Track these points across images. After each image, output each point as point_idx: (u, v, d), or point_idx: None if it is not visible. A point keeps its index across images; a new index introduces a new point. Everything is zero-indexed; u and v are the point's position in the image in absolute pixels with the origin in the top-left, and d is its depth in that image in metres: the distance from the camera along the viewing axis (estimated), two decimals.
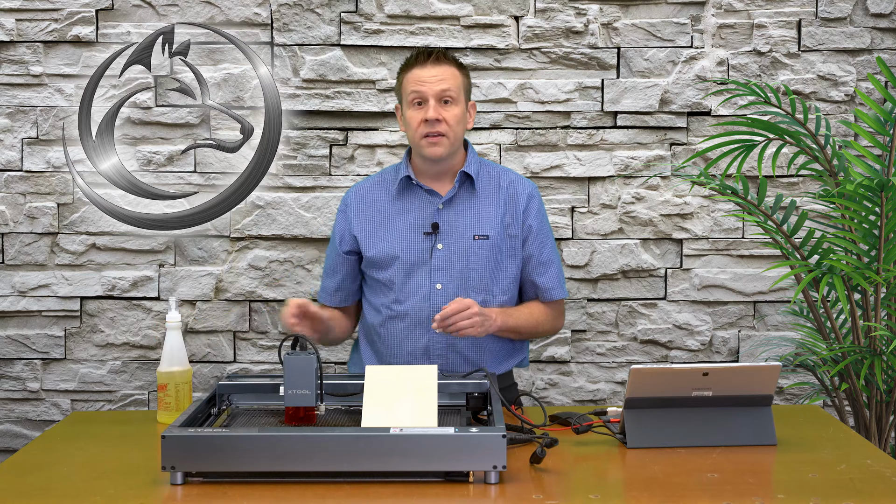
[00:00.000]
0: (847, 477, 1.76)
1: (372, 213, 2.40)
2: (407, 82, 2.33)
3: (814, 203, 2.99)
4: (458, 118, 2.31)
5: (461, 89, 2.33)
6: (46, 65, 3.09)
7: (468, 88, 2.38)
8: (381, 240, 2.37)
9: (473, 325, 2.20)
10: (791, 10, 3.12)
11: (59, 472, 1.82)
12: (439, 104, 2.29)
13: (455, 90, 2.31)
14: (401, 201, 2.39)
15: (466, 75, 2.38)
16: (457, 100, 2.31)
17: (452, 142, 2.31)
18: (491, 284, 2.35)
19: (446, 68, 2.32)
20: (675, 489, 1.69)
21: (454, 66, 2.34)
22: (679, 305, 3.18)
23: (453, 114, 2.30)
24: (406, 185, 2.39)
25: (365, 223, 2.40)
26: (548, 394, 3.19)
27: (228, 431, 1.73)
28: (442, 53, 2.34)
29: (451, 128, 2.30)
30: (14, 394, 3.17)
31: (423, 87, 2.29)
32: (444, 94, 2.29)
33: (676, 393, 1.94)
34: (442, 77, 2.29)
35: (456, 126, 2.31)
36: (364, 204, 2.42)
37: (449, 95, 2.29)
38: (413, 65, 2.33)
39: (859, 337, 2.64)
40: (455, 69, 2.34)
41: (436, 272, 2.34)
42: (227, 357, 3.19)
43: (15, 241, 3.13)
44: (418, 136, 2.31)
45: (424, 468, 1.70)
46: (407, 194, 2.39)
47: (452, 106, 2.30)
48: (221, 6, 3.09)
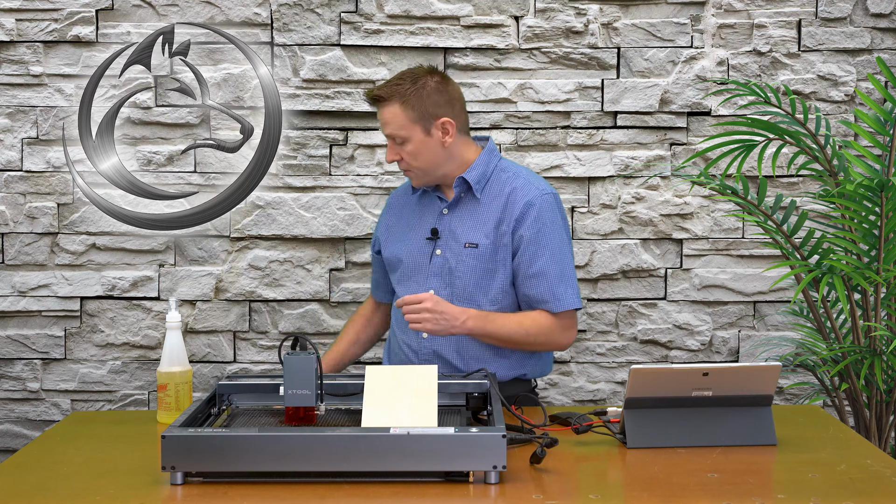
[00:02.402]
0: (847, 477, 1.76)
1: (395, 215, 2.48)
2: None
3: (814, 203, 2.99)
4: (415, 152, 2.31)
5: (408, 123, 2.29)
6: (46, 65, 3.09)
7: (423, 113, 2.29)
8: (393, 242, 2.44)
9: (422, 321, 2.18)
10: (791, 10, 3.12)
11: (59, 472, 1.82)
12: (395, 144, 2.33)
13: (399, 130, 2.30)
14: (419, 206, 2.44)
15: (413, 105, 2.28)
16: (408, 136, 2.30)
17: (425, 168, 2.34)
18: (476, 293, 2.32)
19: (386, 110, 2.30)
20: (675, 489, 1.69)
21: (396, 103, 2.29)
22: (679, 305, 3.18)
23: (406, 151, 2.32)
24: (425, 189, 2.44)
25: (387, 224, 2.49)
26: (548, 394, 3.19)
27: (228, 431, 1.73)
28: (381, 95, 2.30)
29: (410, 163, 2.33)
30: (14, 394, 3.17)
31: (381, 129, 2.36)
32: (394, 136, 2.32)
33: (676, 393, 1.94)
34: (386, 120, 2.31)
35: (414, 160, 2.32)
36: (394, 206, 2.51)
37: (398, 135, 2.31)
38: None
39: (859, 337, 2.64)
40: (396, 106, 2.28)
41: (431, 278, 2.34)
42: (227, 357, 3.19)
43: (15, 241, 3.13)
44: None
45: (424, 468, 1.70)
46: (424, 199, 2.44)
47: (405, 144, 2.31)
48: (221, 6, 3.09)
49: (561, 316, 2.31)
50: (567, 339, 2.34)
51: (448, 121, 2.31)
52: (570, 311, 2.32)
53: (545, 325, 2.30)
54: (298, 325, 3.16)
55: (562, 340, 2.33)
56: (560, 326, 2.31)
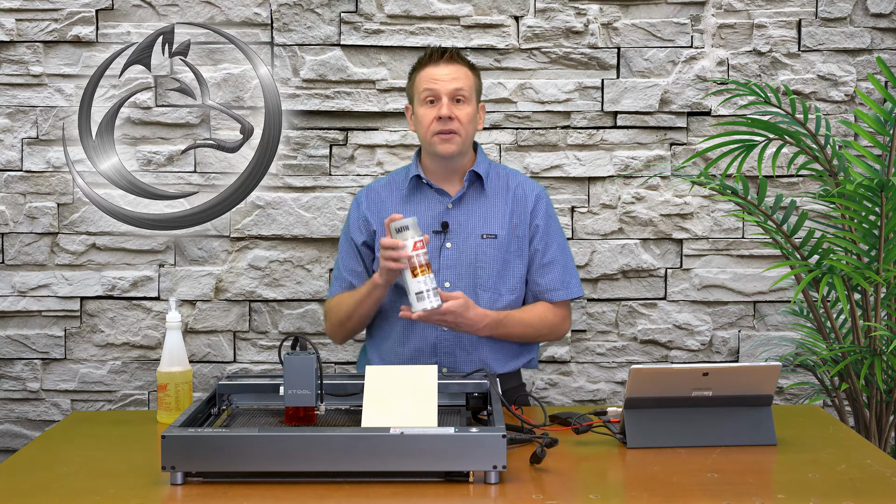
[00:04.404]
0: (847, 477, 1.76)
1: (382, 213, 2.42)
2: (420, 80, 2.35)
3: (814, 203, 2.99)
4: (470, 117, 2.34)
5: (473, 89, 2.36)
6: (46, 65, 3.09)
7: (479, 89, 2.41)
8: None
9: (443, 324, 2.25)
10: (791, 10, 3.12)
11: (59, 472, 1.82)
12: (452, 102, 2.32)
13: (467, 90, 2.33)
14: (411, 202, 2.41)
15: (478, 76, 2.41)
16: (469, 99, 2.34)
17: (464, 140, 2.34)
18: (498, 283, 2.36)
19: (459, 67, 2.34)
20: (675, 489, 1.69)
21: (466, 67, 2.37)
22: (679, 305, 3.18)
23: (465, 112, 2.32)
24: (416, 185, 2.41)
25: (377, 224, 2.42)
26: (548, 394, 3.19)
27: (228, 431, 1.73)
28: (456, 52, 2.37)
29: (463, 126, 2.32)
30: (14, 394, 3.17)
31: (437, 85, 2.31)
32: (457, 93, 2.31)
33: (676, 393, 1.94)
34: (455, 76, 2.32)
35: (468, 125, 2.33)
36: (375, 204, 2.44)
37: (461, 94, 2.32)
38: (426, 63, 2.35)
39: (859, 337, 2.64)
40: (468, 69, 2.37)
41: (444, 271, 2.35)
42: (227, 357, 3.19)
43: (15, 241, 3.13)
44: (430, 133, 2.33)
45: (424, 468, 1.70)
46: (417, 194, 2.41)
47: (464, 105, 2.33)
48: (221, 6, 3.09)
49: (561, 306, 2.43)
50: (567, 327, 2.47)
51: (483, 106, 2.43)
52: (568, 300, 2.44)
53: (549, 317, 2.40)
54: (298, 325, 3.16)
55: (564, 329, 2.45)
56: (562, 316, 2.44)
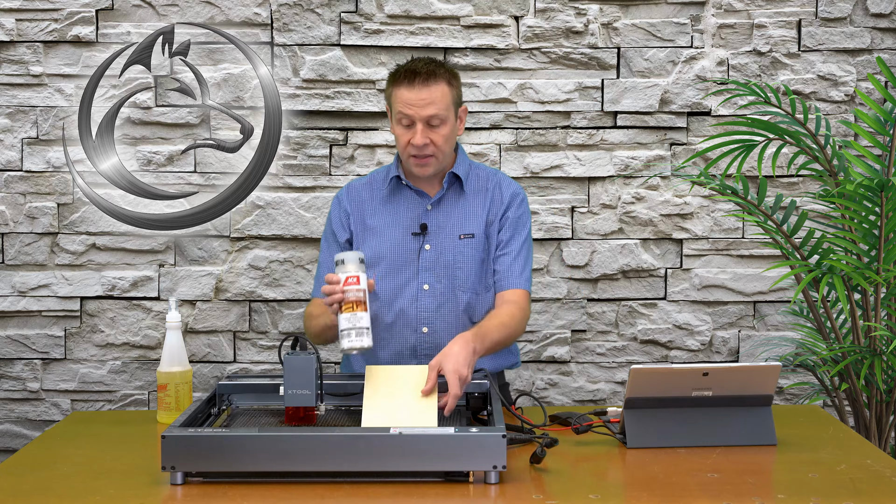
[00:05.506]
0: (847, 477, 1.76)
1: (362, 213, 2.39)
2: (395, 100, 2.25)
3: (814, 203, 2.99)
4: (447, 137, 2.26)
5: (450, 106, 2.25)
6: (46, 65, 3.09)
7: (458, 98, 2.30)
8: (370, 239, 2.36)
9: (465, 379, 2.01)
10: (791, 10, 3.12)
11: (59, 472, 1.82)
12: (427, 128, 2.23)
13: (444, 110, 2.23)
14: (390, 202, 2.38)
15: (457, 85, 2.29)
16: (446, 119, 2.24)
17: (441, 159, 2.29)
18: (477, 283, 2.34)
19: (435, 88, 2.22)
20: (675, 489, 1.69)
21: (444, 81, 2.24)
22: (679, 305, 3.18)
23: (442, 134, 2.24)
24: (396, 186, 2.38)
25: (356, 222, 2.39)
26: (548, 394, 3.19)
27: (228, 431, 1.73)
28: (431, 72, 2.22)
29: (440, 147, 2.26)
30: (14, 394, 3.17)
31: (411, 111, 2.22)
32: (433, 119, 2.23)
33: (676, 393, 1.94)
34: (430, 100, 2.21)
35: (444, 144, 2.26)
36: (356, 202, 2.41)
37: (437, 119, 2.23)
38: (401, 83, 2.23)
39: (859, 337, 2.64)
40: (445, 84, 2.24)
41: (423, 273, 2.33)
42: (227, 357, 3.19)
43: (15, 241, 3.13)
44: (406, 154, 2.28)
45: (424, 468, 1.70)
46: (396, 195, 2.38)
47: (441, 127, 2.24)
48: (221, 6, 3.09)
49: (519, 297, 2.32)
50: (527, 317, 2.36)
51: (465, 109, 2.35)
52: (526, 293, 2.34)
53: (514, 312, 2.29)
54: (298, 325, 3.16)
55: (526, 318, 2.35)
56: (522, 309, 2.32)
